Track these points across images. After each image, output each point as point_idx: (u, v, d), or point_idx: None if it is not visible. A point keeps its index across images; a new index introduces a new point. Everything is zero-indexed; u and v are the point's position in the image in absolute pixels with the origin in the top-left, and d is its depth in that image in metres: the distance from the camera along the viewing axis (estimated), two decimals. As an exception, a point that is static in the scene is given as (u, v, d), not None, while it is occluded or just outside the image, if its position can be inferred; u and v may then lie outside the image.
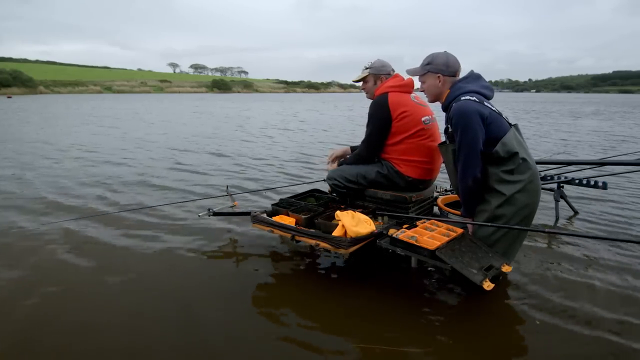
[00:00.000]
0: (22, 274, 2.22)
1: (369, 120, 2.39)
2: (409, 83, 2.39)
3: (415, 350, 1.59)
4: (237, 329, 1.74)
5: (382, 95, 2.36)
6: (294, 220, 2.27)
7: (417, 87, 2.23)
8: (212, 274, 2.26)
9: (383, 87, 2.41)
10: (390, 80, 2.43)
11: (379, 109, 2.34)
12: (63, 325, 1.75)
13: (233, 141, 8.35)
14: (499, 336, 1.72)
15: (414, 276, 2.23)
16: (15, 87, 54.86)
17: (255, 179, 4.77)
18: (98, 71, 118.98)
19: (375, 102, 2.38)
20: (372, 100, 2.44)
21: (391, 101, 2.31)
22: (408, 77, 2.39)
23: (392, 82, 2.41)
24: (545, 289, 2.08)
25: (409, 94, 2.39)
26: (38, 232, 2.85)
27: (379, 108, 2.34)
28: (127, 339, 1.67)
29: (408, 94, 2.39)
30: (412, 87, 2.40)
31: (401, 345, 1.62)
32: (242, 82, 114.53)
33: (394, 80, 2.42)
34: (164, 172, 5.10)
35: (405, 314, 1.85)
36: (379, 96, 2.37)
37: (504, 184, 1.91)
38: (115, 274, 2.24)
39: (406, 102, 2.33)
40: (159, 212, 3.30)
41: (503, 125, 1.93)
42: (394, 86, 2.38)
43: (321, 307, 1.93)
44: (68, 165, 5.51)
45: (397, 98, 2.32)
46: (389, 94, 2.34)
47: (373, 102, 2.40)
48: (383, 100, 2.33)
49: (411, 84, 2.39)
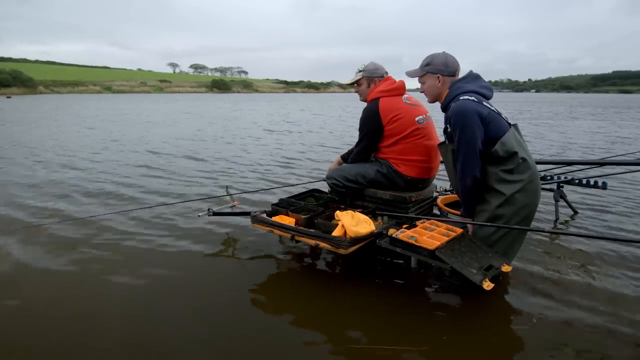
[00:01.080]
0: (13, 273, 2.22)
1: (361, 126, 2.46)
2: (400, 86, 2.44)
3: (415, 350, 1.59)
4: (237, 328, 1.74)
5: (373, 101, 2.42)
6: (294, 220, 2.27)
7: (417, 88, 2.24)
8: (211, 274, 2.26)
9: (374, 92, 2.46)
10: (381, 84, 2.47)
11: (369, 116, 2.41)
12: (62, 326, 1.76)
13: (216, 142, 8.23)
14: (498, 336, 1.72)
15: (414, 276, 2.23)
16: (15, 87, 54.81)
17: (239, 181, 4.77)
18: (98, 71, 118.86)
19: (367, 109, 2.44)
20: (366, 103, 2.50)
21: (382, 107, 2.37)
22: (399, 80, 2.46)
23: (383, 86, 2.45)
24: (545, 288, 2.08)
25: (401, 96, 2.43)
26: (38, 232, 2.85)
27: (369, 115, 2.41)
28: (126, 339, 1.67)
29: (400, 96, 2.43)
30: (404, 89, 2.46)
31: (400, 344, 1.62)
32: (242, 82, 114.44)
33: (385, 85, 2.46)
34: (163, 172, 5.11)
35: (405, 313, 1.86)
36: (370, 102, 2.44)
37: (504, 184, 1.91)
38: (114, 274, 2.24)
39: (397, 106, 2.38)
40: (158, 213, 3.30)
41: (502, 125, 1.93)
42: (385, 91, 2.43)
43: (321, 306, 1.93)
44: (55, 168, 5.51)
45: (387, 104, 2.38)
46: (380, 99, 2.40)
47: (365, 109, 2.46)
48: (374, 107, 2.39)
49: (402, 87, 2.45)
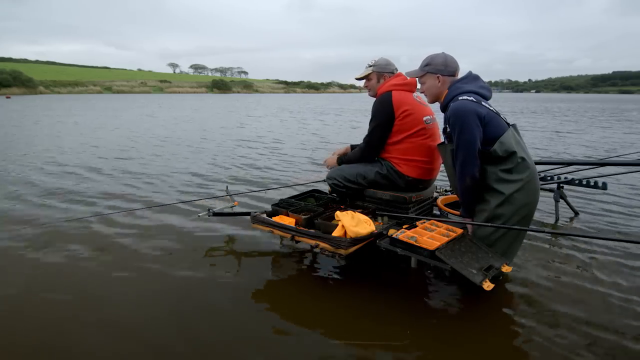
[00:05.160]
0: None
1: (372, 117, 2.40)
2: (412, 82, 2.40)
3: (415, 350, 1.59)
4: (236, 328, 1.74)
5: (386, 93, 2.38)
6: (294, 220, 2.27)
7: (419, 88, 2.24)
8: (211, 274, 2.25)
9: (387, 85, 2.42)
10: (394, 78, 2.45)
11: (382, 106, 2.35)
12: (62, 326, 1.76)
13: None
14: (498, 336, 1.72)
15: (414, 276, 2.23)
16: (15, 87, 54.82)
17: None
18: (98, 71, 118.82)
19: (379, 100, 2.39)
20: (375, 98, 2.46)
21: (395, 99, 2.33)
22: (410, 77, 2.39)
23: (396, 80, 2.42)
24: (545, 289, 2.08)
25: (412, 92, 2.41)
26: (37, 232, 2.85)
27: (382, 105, 2.35)
28: (126, 339, 1.67)
29: (411, 92, 2.40)
30: (415, 86, 2.42)
31: (400, 344, 1.62)
32: (242, 82, 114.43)
33: (398, 79, 2.43)
34: (163, 172, 5.11)
35: (404, 313, 1.85)
36: (383, 94, 2.39)
37: (503, 183, 1.91)
38: (114, 274, 2.24)
39: (409, 101, 2.34)
40: (158, 213, 3.30)
41: (501, 124, 1.93)
42: (398, 84, 2.39)
43: (320, 306, 1.93)
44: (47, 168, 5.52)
45: (400, 96, 2.34)
46: (393, 92, 2.36)
47: (377, 100, 2.41)
48: (387, 98, 2.35)
49: (414, 83, 2.41)
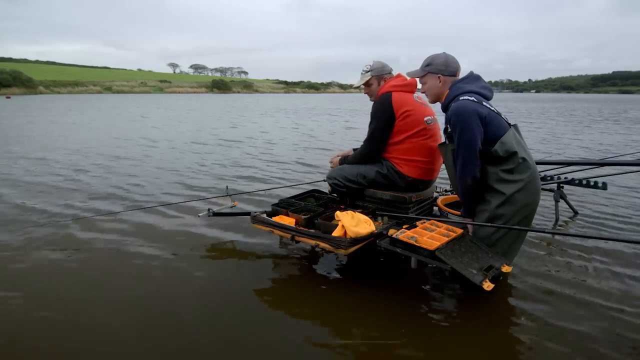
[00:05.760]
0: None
1: (372, 118, 2.39)
2: (412, 82, 2.39)
3: (415, 349, 1.59)
4: (236, 328, 1.74)
5: (386, 94, 2.36)
6: (294, 220, 2.27)
7: (419, 88, 2.24)
8: (211, 274, 2.25)
9: (386, 86, 2.40)
10: (394, 79, 2.43)
11: (382, 107, 2.33)
12: (62, 326, 1.76)
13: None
14: (497, 336, 1.72)
15: (414, 276, 2.23)
16: (15, 87, 54.78)
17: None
18: (98, 71, 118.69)
19: (379, 101, 2.37)
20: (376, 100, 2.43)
21: (395, 100, 2.31)
22: (411, 77, 2.37)
23: (395, 81, 2.41)
24: (545, 289, 2.08)
25: (412, 93, 2.39)
26: (38, 231, 2.85)
27: (382, 106, 2.34)
28: (129, 339, 1.67)
29: (411, 93, 2.39)
30: (415, 86, 2.40)
31: (400, 344, 1.62)
32: (242, 82, 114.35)
33: (397, 80, 2.42)
34: (161, 172, 5.11)
35: (405, 313, 1.85)
36: (383, 95, 2.37)
37: (504, 184, 1.91)
38: (113, 274, 2.24)
39: (409, 102, 2.33)
40: (158, 213, 3.30)
41: (502, 125, 1.93)
42: (398, 85, 2.38)
43: (320, 306, 1.93)
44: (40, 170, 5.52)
45: (400, 97, 2.32)
46: (393, 93, 2.34)
47: (376, 101, 2.40)
48: (387, 99, 2.33)
49: (414, 84, 2.39)
